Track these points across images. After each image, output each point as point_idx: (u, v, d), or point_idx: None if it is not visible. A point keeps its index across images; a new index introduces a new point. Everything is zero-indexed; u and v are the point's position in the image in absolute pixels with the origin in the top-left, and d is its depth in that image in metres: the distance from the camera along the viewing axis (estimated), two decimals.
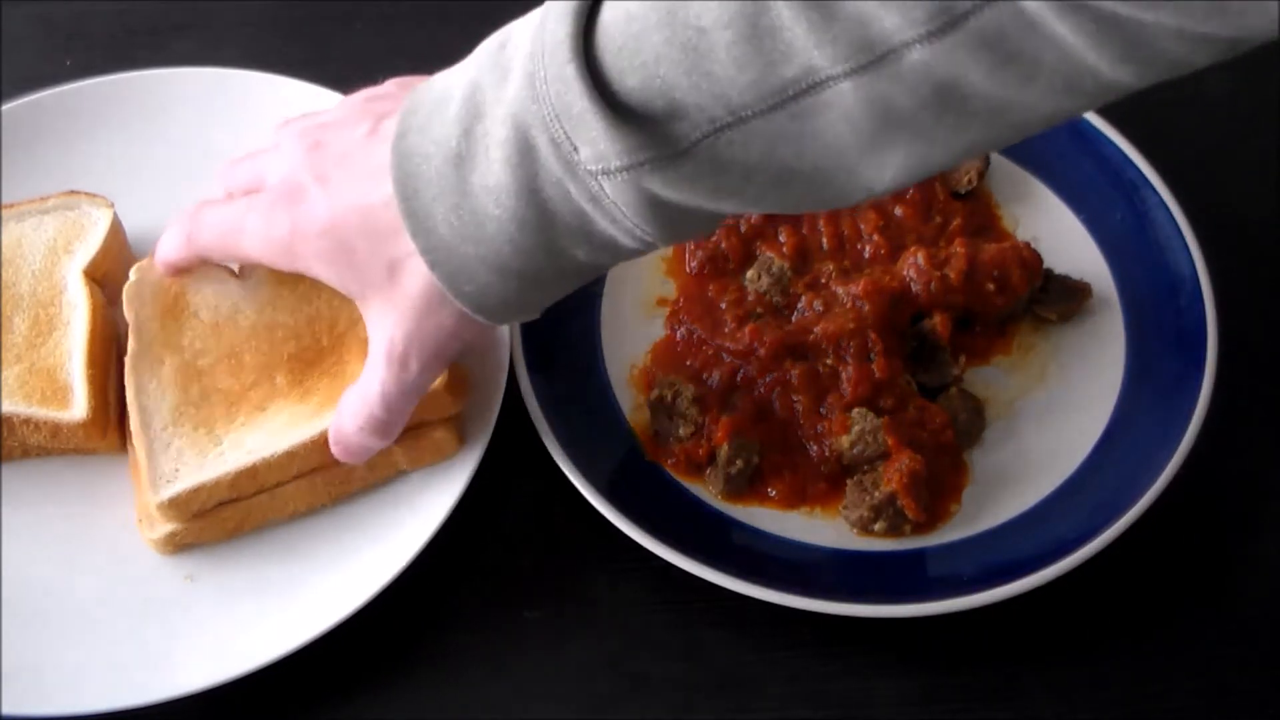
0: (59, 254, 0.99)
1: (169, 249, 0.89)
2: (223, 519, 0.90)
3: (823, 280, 1.00)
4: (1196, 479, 0.91)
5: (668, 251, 1.04)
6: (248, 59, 1.11)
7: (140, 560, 0.90)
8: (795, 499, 0.93)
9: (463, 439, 0.93)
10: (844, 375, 0.94)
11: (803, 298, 0.99)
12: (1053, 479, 0.94)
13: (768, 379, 0.95)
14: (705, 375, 0.98)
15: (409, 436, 0.90)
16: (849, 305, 0.97)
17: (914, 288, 0.97)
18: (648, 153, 0.67)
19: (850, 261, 1.02)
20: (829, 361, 0.95)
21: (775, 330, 0.96)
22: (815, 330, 0.95)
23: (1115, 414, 0.96)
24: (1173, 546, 0.93)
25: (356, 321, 0.91)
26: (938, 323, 0.96)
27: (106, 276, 0.99)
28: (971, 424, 0.95)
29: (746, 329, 0.97)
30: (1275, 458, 0.98)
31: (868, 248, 1.02)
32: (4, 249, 0.98)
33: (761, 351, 0.96)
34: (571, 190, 0.70)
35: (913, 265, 0.97)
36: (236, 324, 0.93)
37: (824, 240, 1.03)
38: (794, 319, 0.99)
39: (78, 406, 0.92)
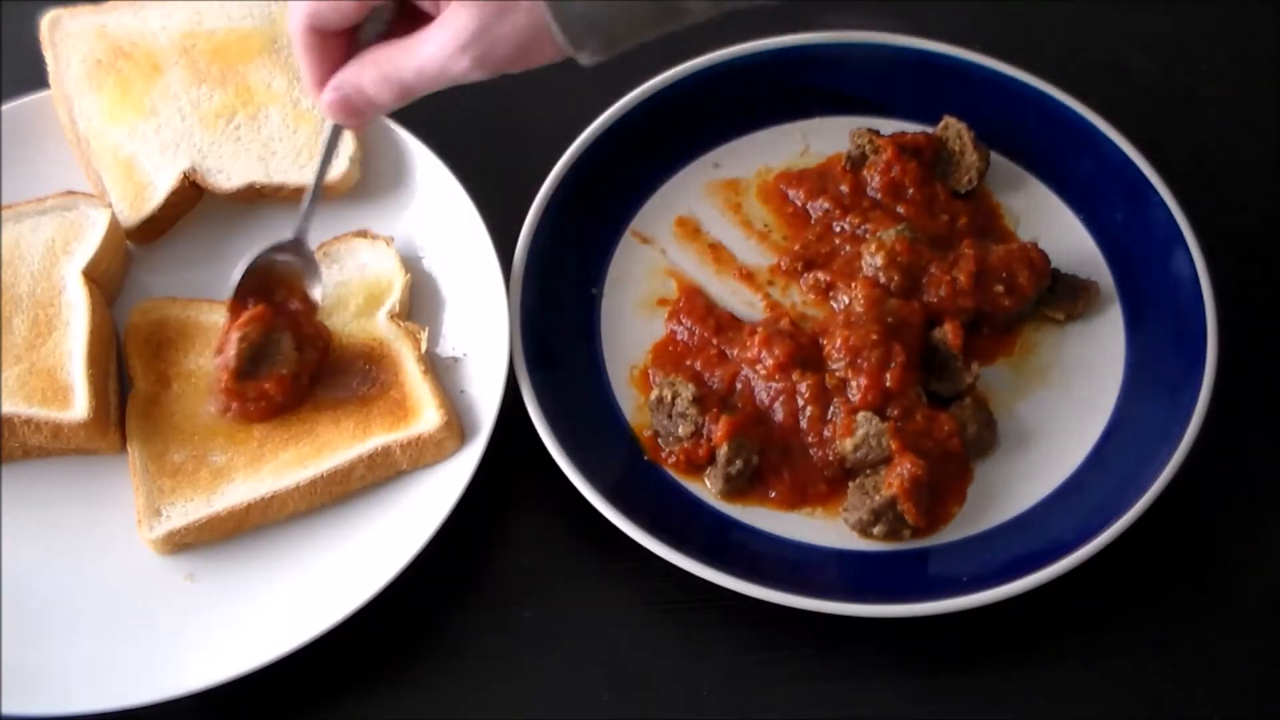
0: (57, 254, 0.99)
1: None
2: (222, 519, 0.90)
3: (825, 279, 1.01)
4: (1196, 479, 0.91)
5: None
6: None
7: (140, 560, 0.90)
8: (795, 500, 0.93)
9: (463, 439, 0.93)
10: (853, 384, 0.94)
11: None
12: (1053, 479, 0.94)
13: (772, 387, 0.95)
14: (707, 375, 0.97)
15: (409, 438, 0.91)
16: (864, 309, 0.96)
17: (927, 298, 0.97)
18: None
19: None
20: (837, 373, 0.94)
21: (786, 341, 0.96)
22: (836, 342, 0.95)
23: (1115, 414, 0.96)
24: (1173, 546, 0.93)
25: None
26: (949, 331, 0.96)
27: (105, 276, 0.99)
28: (982, 436, 0.94)
29: (756, 337, 0.97)
30: (1275, 457, 0.98)
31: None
32: (3, 250, 0.98)
33: (770, 361, 0.95)
34: None
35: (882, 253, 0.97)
36: None
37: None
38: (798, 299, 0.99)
39: (78, 407, 0.92)
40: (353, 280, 1.00)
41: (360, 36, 0.87)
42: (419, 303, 1.00)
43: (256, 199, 1.04)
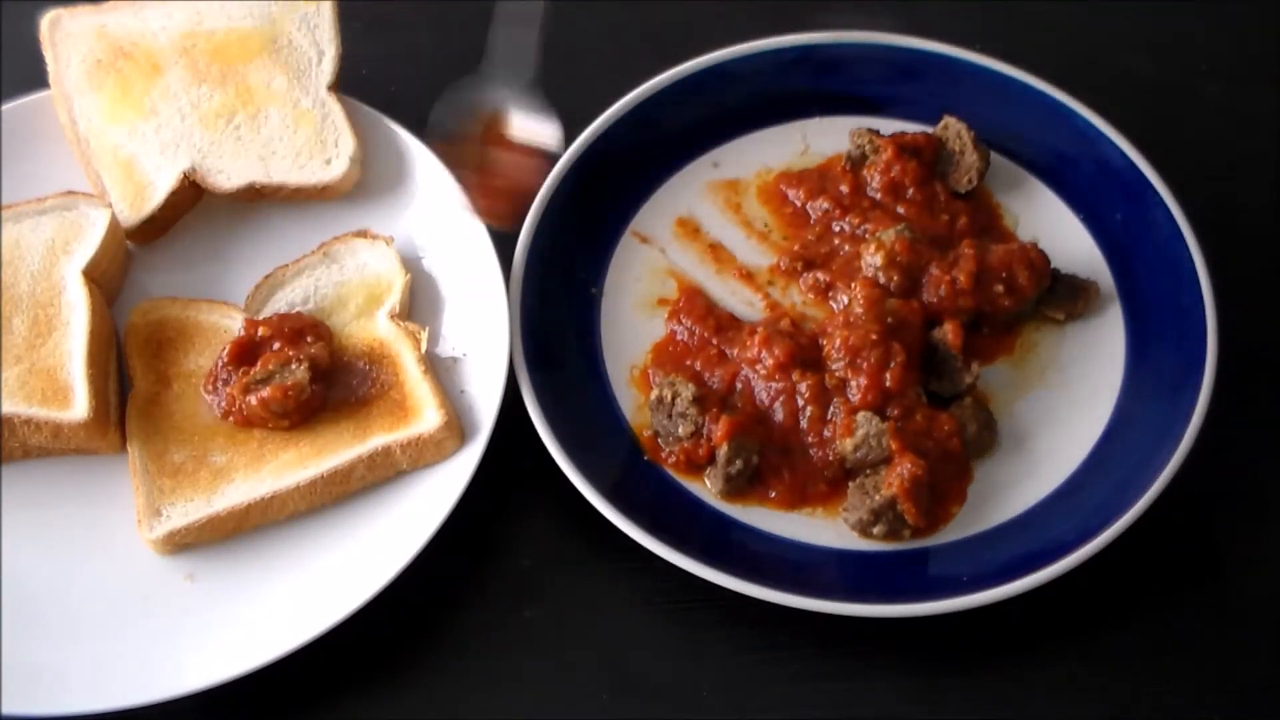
0: (57, 254, 0.99)
1: None
2: (222, 519, 0.90)
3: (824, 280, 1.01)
4: (1196, 479, 0.91)
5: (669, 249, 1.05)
6: None
7: (140, 560, 0.90)
8: (795, 500, 0.93)
9: (463, 439, 0.93)
10: (853, 384, 0.94)
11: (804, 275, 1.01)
12: (1053, 479, 0.94)
13: (772, 387, 0.95)
14: (707, 375, 0.97)
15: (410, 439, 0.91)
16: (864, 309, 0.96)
17: (926, 297, 0.97)
18: None
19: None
20: (837, 372, 0.94)
21: (786, 341, 0.96)
22: (836, 342, 0.95)
23: (1115, 413, 0.96)
24: (1172, 546, 0.93)
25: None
26: (949, 331, 0.96)
27: (105, 276, 0.99)
28: (982, 436, 0.94)
29: (756, 337, 0.97)
30: (1275, 457, 0.98)
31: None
32: (3, 250, 0.98)
33: (770, 361, 0.95)
34: None
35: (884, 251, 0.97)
36: None
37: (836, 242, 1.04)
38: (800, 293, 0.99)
39: (78, 407, 0.92)
40: (353, 280, 1.00)
41: None
42: (419, 303, 1.00)
43: (256, 199, 1.04)
